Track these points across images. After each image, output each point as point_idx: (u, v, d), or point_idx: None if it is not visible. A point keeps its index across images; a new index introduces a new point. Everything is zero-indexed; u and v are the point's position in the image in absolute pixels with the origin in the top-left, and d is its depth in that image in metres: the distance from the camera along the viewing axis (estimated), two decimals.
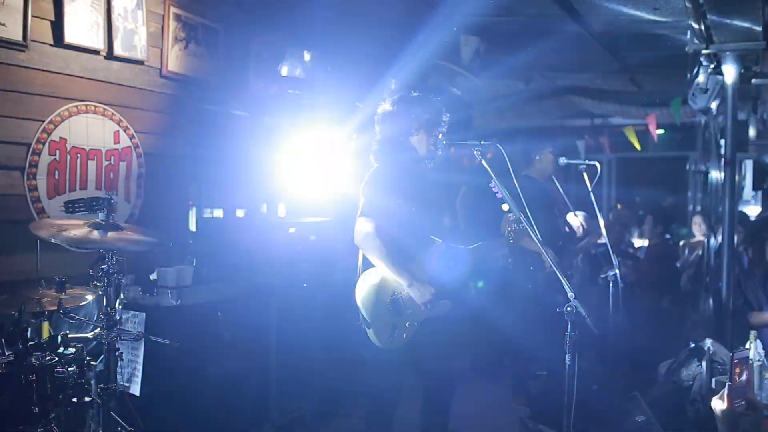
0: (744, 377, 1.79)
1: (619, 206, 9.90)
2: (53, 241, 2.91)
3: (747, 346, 3.13)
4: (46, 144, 3.64)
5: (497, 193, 3.31)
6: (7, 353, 2.78)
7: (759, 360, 3.15)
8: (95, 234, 2.98)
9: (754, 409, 1.76)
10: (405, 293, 3.16)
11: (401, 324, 3.14)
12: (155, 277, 3.80)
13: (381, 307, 3.12)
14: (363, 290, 3.13)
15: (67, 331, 3.18)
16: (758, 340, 3.23)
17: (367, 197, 3.23)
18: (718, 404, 1.77)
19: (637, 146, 9.42)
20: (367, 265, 3.21)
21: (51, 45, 3.64)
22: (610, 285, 4.27)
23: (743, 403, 1.75)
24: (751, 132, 7.70)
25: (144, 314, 3.46)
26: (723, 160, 4.53)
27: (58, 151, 3.71)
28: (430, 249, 3.31)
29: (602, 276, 4.33)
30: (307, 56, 5.39)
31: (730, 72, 4.65)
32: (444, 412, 3.41)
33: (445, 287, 3.23)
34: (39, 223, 3.36)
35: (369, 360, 3.29)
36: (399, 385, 3.34)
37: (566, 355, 2.98)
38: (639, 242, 8.21)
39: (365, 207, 3.20)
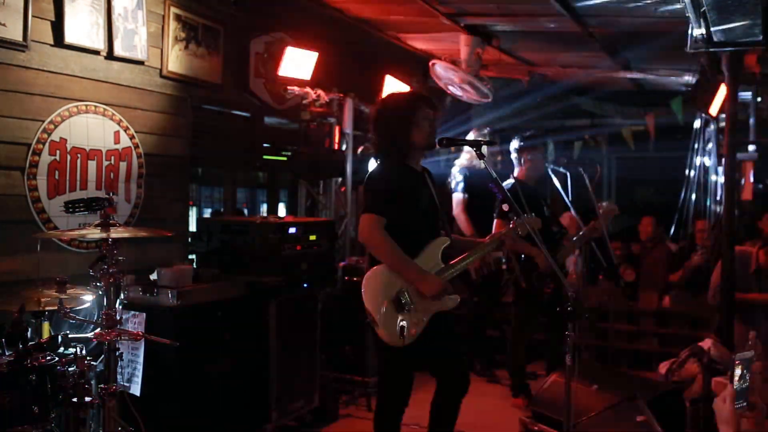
0: (746, 379, 1.79)
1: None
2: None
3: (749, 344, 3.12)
4: (47, 144, 3.65)
5: (497, 193, 3.32)
6: (7, 353, 2.79)
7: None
8: (95, 234, 2.98)
9: (755, 410, 1.76)
10: (412, 288, 3.15)
11: (410, 320, 3.12)
12: (155, 277, 3.80)
13: (388, 303, 3.10)
14: (369, 288, 3.11)
15: (67, 331, 3.18)
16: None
17: (372, 194, 3.24)
18: (720, 405, 1.76)
19: (631, 145, 9.43)
20: (374, 262, 3.20)
21: (51, 45, 3.64)
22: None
23: (745, 404, 1.75)
24: (752, 132, 7.69)
25: (144, 314, 3.47)
26: (723, 160, 4.53)
27: (58, 151, 3.71)
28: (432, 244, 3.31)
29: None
30: None
31: (730, 72, 4.65)
32: (455, 408, 3.38)
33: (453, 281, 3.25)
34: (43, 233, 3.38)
35: (379, 358, 3.29)
36: (409, 382, 3.33)
37: (566, 355, 2.98)
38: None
39: (370, 203, 3.20)
